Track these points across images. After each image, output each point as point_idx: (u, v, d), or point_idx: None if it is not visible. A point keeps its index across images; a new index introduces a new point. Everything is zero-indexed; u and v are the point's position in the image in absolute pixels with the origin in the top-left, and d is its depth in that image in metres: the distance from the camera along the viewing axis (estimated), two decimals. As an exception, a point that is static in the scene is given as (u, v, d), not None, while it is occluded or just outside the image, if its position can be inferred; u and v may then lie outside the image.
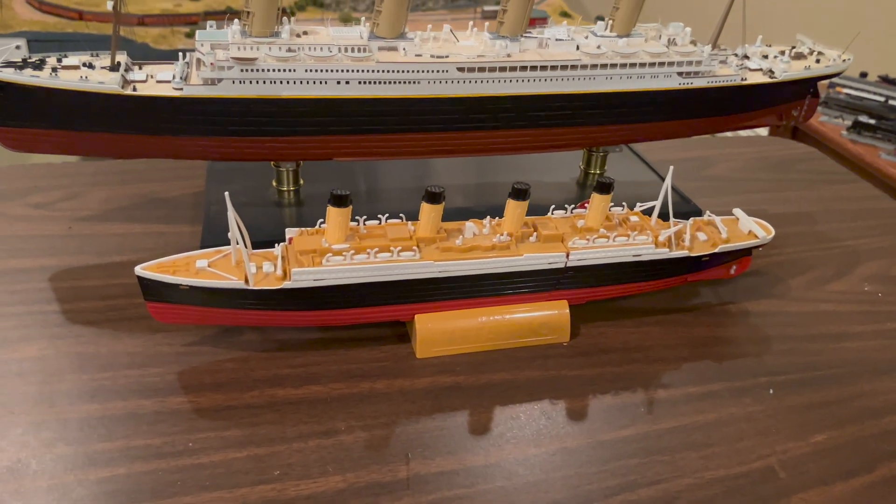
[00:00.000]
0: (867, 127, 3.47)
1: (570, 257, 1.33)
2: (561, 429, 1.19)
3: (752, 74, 1.76)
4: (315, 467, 1.08)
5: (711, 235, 1.44)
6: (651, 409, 1.24)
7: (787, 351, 1.40)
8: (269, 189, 1.68)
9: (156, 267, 1.21)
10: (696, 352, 1.38)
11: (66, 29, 4.34)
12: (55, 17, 4.47)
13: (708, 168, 2.11)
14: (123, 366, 1.24)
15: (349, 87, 1.49)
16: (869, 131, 3.45)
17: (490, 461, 1.12)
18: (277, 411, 1.17)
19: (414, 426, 1.16)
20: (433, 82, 1.52)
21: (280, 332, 1.33)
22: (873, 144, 3.39)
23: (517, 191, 1.29)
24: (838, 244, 1.77)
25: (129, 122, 1.44)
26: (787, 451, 1.18)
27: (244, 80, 1.43)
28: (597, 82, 1.62)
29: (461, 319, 1.31)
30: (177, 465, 1.07)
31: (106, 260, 1.50)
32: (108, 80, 1.40)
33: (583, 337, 1.39)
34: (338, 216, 1.23)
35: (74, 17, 4.44)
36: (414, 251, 1.27)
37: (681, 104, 1.70)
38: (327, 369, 1.26)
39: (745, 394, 1.29)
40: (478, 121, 1.59)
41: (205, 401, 1.18)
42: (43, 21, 4.44)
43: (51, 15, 4.50)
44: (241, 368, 1.25)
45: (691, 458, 1.15)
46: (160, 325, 1.30)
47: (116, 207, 1.69)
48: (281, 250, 1.27)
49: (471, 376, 1.27)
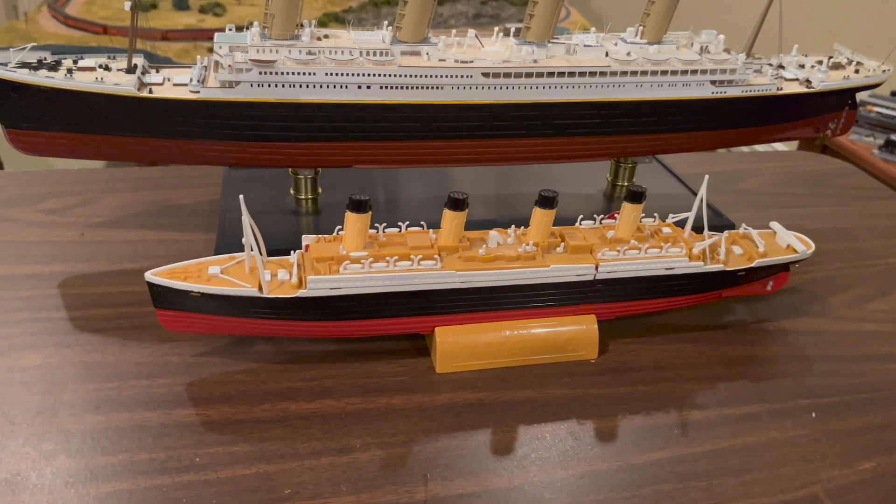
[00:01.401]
0: (899, 145, 3.42)
1: (599, 269, 1.26)
2: (589, 450, 1.12)
3: (789, 84, 1.69)
4: (327, 486, 1.02)
5: (747, 249, 1.37)
6: (685, 430, 1.17)
7: (829, 372, 1.32)
8: (287, 197, 1.63)
9: (166, 273, 1.16)
10: (732, 371, 1.31)
11: (91, 43, 4.36)
12: (80, 32, 4.51)
13: (739, 182, 2.04)
14: (130, 376, 1.19)
15: (370, 92, 1.44)
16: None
17: (513, 483, 1.06)
18: (289, 426, 1.11)
19: (433, 445, 1.10)
20: (457, 88, 1.47)
21: (294, 344, 1.28)
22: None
23: (544, 198, 1.23)
24: (880, 262, 1.69)
25: (144, 126, 1.41)
26: (833, 479, 1.10)
27: (262, 83, 1.39)
28: (626, 90, 1.56)
29: (484, 333, 1.25)
30: (182, 481, 1.01)
31: (117, 267, 1.46)
32: (124, 83, 1.37)
33: (611, 354, 1.32)
34: (356, 222, 1.17)
35: (99, 32, 4.47)
36: (435, 260, 1.21)
37: (713, 114, 1.64)
38: (342, 383, 1.21)
39: (786, 416, 1.21)
40: (502, 128, 1.54)
41: (213, 414, 1.13)
42: (68, 35, 4.48)
43: (75, 29, 4.54)
44: (252, 381, 1.20)
45: (730, 485, 1.08)
46: (170, 334, 1.25)
47: (130, 214, 1.66)
48: (297, 258, 1.22)
49: (493, 393, 1.21)
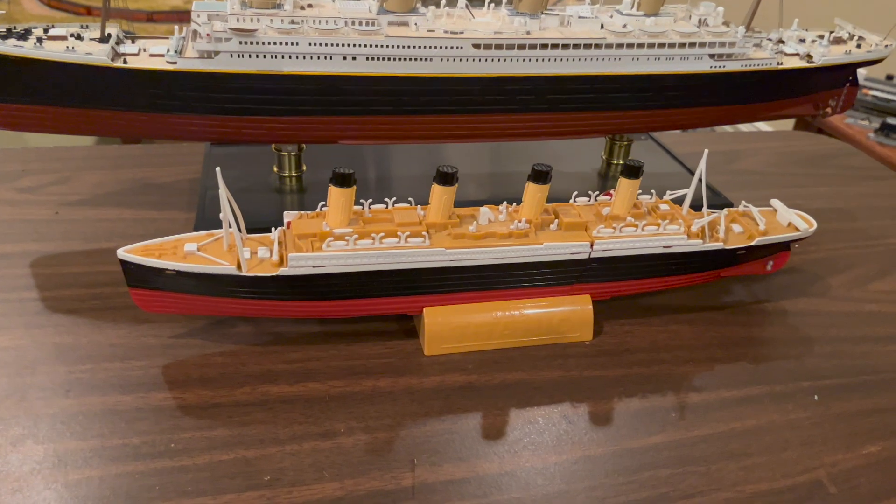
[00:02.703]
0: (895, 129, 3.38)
1: (594, 247, 1.21)
2: (584, 435, 1.07)
3: (789, 59, 1.64)
4: (310, 472, 0.97)
5: (748, 227, 1.32)
6: (683, 414, 1.13)
7: (831, 353, 1.28)
8: (270, 175, 1.57)
9: (140, 250, 1.11)
10: (731, 353, 1.26)
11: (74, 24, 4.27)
12: (63, 13, 4.41)
13: (736, 162, 1.99)
14: (104, 358, 1.13)
15: (356, 64, 1.38)
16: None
17: (505, 469, 1.01)
18: (270, 410, 1.06)
19: (421, 429, 1.06)
20: (446, 60, 1.42)
21: (275, 325, 1.23)
22: (902, 147, 3.31)
23: (538, 173, 1.18)
24: (881, 242, 1.64)
25: (118, 98, 1.34)
26: (836, 464, 1.06)
27: (243, 53, 1.33)
28: (622, 63, 1.50)
29: (474, 314, 1.20)
30: (156, 468, 0.96)
31: (92, 246, 1.40)
32: (97, 52, 1.30)
33: (607, 335, 1.28)
34: (340, 197, 1.12)
35: (82, 13, 4.38)
36: (423, 237, 1.16)
37: (712, 89, 1.59)
38: (326, 365, 1.16)
39: (787, 399, 1.17)
40: (494, 103, 1.49)
41: (191, 397, 1.08)
42: (51, 16, 4.37)
43: (59, 10, 4.44)
44: (232, 363, 1.14)
45: (730, 470, 1.03)
46: (146, 315, 1.20)
47: (108, 192, 1.59)
48: (278, 235, 1.16)
49: (484, 376, 1.16)
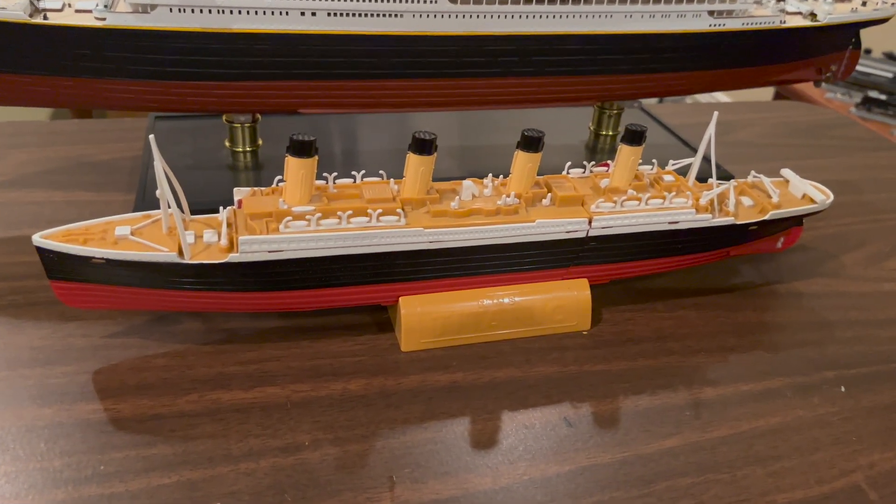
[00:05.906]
0: (878, 103, 3.31)
1: (592, 224, 1.07)
2: (588, 440, 0.94)
3: (791, 18, 1.51)
4: (268, 495, 0.84)
5: (759, 200, 1.20)
6: (698, 412, 1.00)
7: (853, 339, 1.17)
8: (222, 150, 1.43)
9: (62, 235, 0.94)
10: (745, 341, 1.14)
11: None
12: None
13: (731, 133, 1.87)
14: (22, 364, 0.99)
15: (316, 20, 1.23)
16: (880, 107, 3.29)
17: (499, 484, 0.89)
18: (220, 421, 0.92)
19: (399, 439, 0.93)
20: (419, 16, 1.27)
21: (227, 320, 1.10)
22: (884, 121, 3.24)
23: (528, 139, 1.03)
24: (891, 216, 1.54)
25: (38, 61, 1.18)
26: (873, 465, 0.95)
27: (184, 7, 1.17)
28: (614, 21, 1.37)
29: (457, 302, 1.08)
30: (80, 496, 0.83)
31: (14, 233, 1.25)
32: (12, 7, 1.14)
33: (606, 324, 1.15)
34: (300, 168, 0.96)
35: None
36: (398, 215, 1.00)
37: (710, 50, 1.46)
38: (287, 366, 1.03)
39: (812, 392, 1.05)
40: (473, 66, 1.35)
41: (125, 408, 0.93)
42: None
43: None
44: (176, 366, 1.01)
45: (757, 477, 0.91)
46: (75, 312, 1.07)
47: (38, 171, 1.43)
48: (227, 215, 1.00)
49: (470, 374, 1.04)
